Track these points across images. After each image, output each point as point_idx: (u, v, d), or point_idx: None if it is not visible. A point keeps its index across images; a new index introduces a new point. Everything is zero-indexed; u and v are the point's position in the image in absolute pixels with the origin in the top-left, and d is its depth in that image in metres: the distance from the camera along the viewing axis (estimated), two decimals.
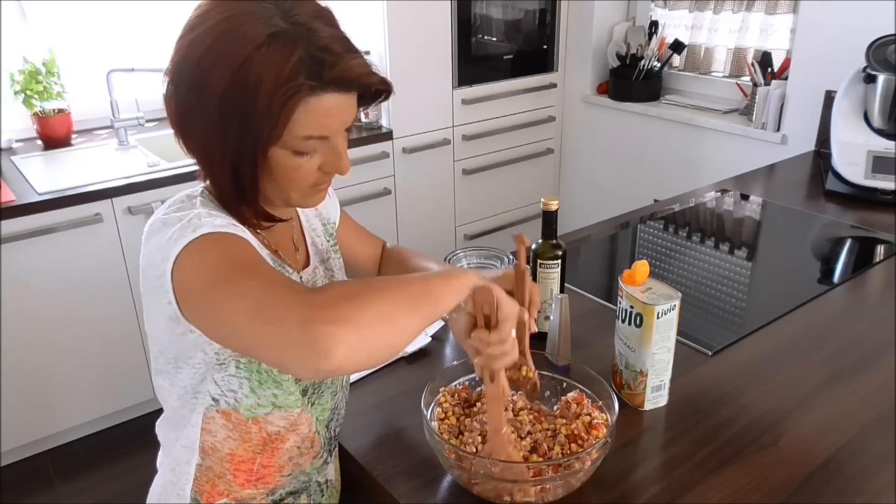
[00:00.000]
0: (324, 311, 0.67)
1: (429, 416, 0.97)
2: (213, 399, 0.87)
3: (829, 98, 2.26)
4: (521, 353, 0.96)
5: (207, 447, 0.90)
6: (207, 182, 0.88)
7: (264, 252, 0.88)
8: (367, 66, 0.79)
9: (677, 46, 2.90)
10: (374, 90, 0.82)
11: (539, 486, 0.88)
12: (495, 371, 0.88)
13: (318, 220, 1.06)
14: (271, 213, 0.86)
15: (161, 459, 0.98)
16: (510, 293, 0.99)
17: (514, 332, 0.85)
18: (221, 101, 0.75)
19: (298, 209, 1.01)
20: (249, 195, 0.82)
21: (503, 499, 0.89)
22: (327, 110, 0.78)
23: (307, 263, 0.98)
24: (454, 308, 0.80)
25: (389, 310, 0.71)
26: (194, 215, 0.79)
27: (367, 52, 2.42)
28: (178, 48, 0.78)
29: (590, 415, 0.97)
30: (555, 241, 1.22)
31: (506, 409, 0.95)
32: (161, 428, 0.97)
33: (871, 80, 1.96)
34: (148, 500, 1.00)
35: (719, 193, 2.04)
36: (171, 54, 0.80)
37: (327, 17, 0.79)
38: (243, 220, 0.85)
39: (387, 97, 0.85)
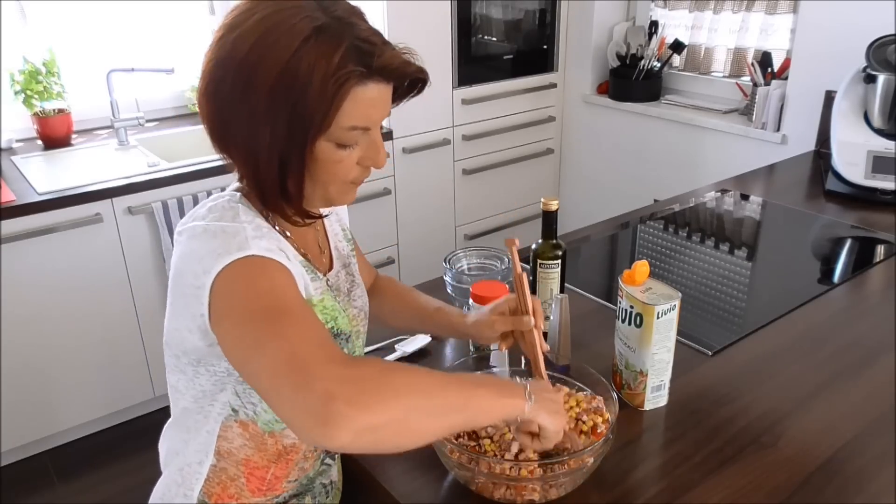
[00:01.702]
0: (353, 391, 0.65)
1: None
2: (233, 410, 0.87)
3: (829, 98, 2.27)
4: (537, 373, 0.97)
5: (223, 451, 0.90)
6: (240, 184, 0.88)
7: (297, 258, 0.87)
8: (404, 57, 0.82)
9: (677, 46, 2.90)
10: (407, 84, 0.85)
11: (541, 485, 0.88)
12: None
13: (339, 224, 1.07)
14: (310, 210, 0.87)
15: (167, 461, 0.97)
16: (514, 311, 1.00)
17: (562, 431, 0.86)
18: (271, 93, 0.75)
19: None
20: (293, 191, 0.82)
21: (506, 497, 0.89)
22: (372, 100, 0.80)
23: (331, 266, 0.99)
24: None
25: (418, 412, 0.70)
26: (241, 232, 0.79)
27: None
28: (221, 45, 0.79)
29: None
30: (555, 241, 1.22)
31: None
32: (170, 429, 0.96)
33: (871, 80, 1.96)
34: (151, 500, 1.00)
35: (719, 193, 2.04)
36: (208, 54, 0.80)
37: (360, 14, 0.82)
38: (286, 218, 0.86)
39: (421, 90, 0.87)
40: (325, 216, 0.91)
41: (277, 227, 0.88)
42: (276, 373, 0.68)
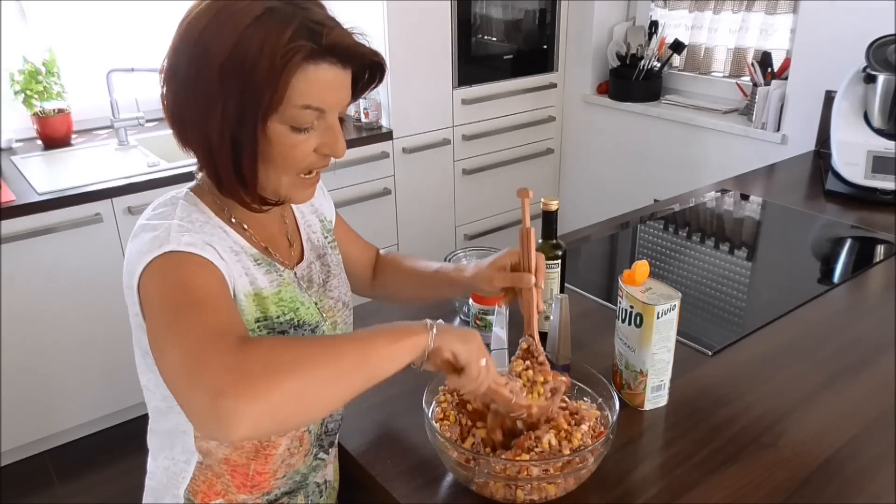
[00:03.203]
0: (238, 381, 0.64)
1: (429, 416, 0.97)
2: None
3: (829, 98, 2.27)
4: (528, 332, 0.96)
5: (203, 450, 0.90)
6: (200, 175, 0.89)
7: (249, 250, 0.88)
8: (356, 38, 0.82)
9: (677, 46, 2.90)
10: (367, 72, 0.86)
11: (541, 484, 0.88)
12: (486, 393, 0.87)
13: (315, 216, 1.06)
14: (266, 197, 0.87)
15: (151, 461, 0.98)
16: (514, 267, 0.99)
17: (483, 362, 0.83)
18: (222, 71, 0.76)
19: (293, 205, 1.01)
20: (248, 174, 0.82)
21: (505, 497, 0.89)
22: (325, 81, 0.80)
23: (301, 258, 0.99)
24: (416, 363, 0.79)
25: (313, 384, 0.69)
26: (164, 228, 0.79)
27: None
28: (179, 30, 0.80)
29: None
30: (555, 241, 1.22)
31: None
32: (153, 432, 0.96)
33: (871, 80, 1.96)
34: (143, 502, 1.00)
35: (719, 193, 2.04)
36: (169, 45, 0.81)
37: (318, 1, 0.82)
38: (243, 204, 0.86)
39: (381, 79, 0.87)
40: (279, 204, 0.91)
41: (234, 220, 0.88)
42: (173, 372, 0.69)
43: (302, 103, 0.79)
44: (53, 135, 2.50)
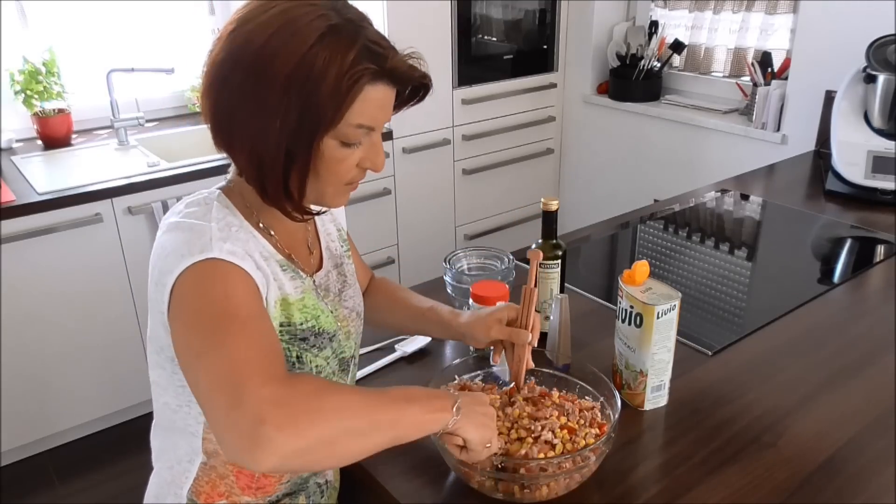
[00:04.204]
0: (284, 415, 0.67)
1: None
2: None
3: (829, 98, 2.27)
4: (516, 386, 1.00)
5: (210, 450, 0.90)
6: (230, 176, 0.89)
7: (275, 257, 0.88)
8: (411, 62, 0.84)
9: (677, 46, 2.90)
10: (409, 91, 0.87)
11: (542, 483, 0.88)
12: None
13: (333, 224, 1.07)
14: (307, 207, 0.88)
15: (157, 457, 0.98)
16: (511, 322, 1.01)
17: (488, 446, 0.86)
18: (285, 85, 0.76)
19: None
20: (296, 186, 0.82)
21: (507, 496, 0.89)
22: (379, 101, 0.81)
23: (320, 266, 0.99)
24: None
25: (347, 434, 0.72)
26: (206, 232, 0.79)
27: None
28: (232, 38, 0.80)
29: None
30: (555, 241, 1.22)
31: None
32: (158, 426, 0.96)
33: (871, 80, 1.96)
34: (145, 500, 1.00)
35: (719, 193, 2.04)
36: (216, 48, 0.81)
37: (368, 20, 0.83)
38: (285, 213, 0.86)
39: (423, 97, 0.89)
40: (321, 213, 0.92)
41: (262, 225, 0.88)
42: (212, 386, 0.70)
43: (357, 122, 0.80)
44: (53, 135, 2.50)
